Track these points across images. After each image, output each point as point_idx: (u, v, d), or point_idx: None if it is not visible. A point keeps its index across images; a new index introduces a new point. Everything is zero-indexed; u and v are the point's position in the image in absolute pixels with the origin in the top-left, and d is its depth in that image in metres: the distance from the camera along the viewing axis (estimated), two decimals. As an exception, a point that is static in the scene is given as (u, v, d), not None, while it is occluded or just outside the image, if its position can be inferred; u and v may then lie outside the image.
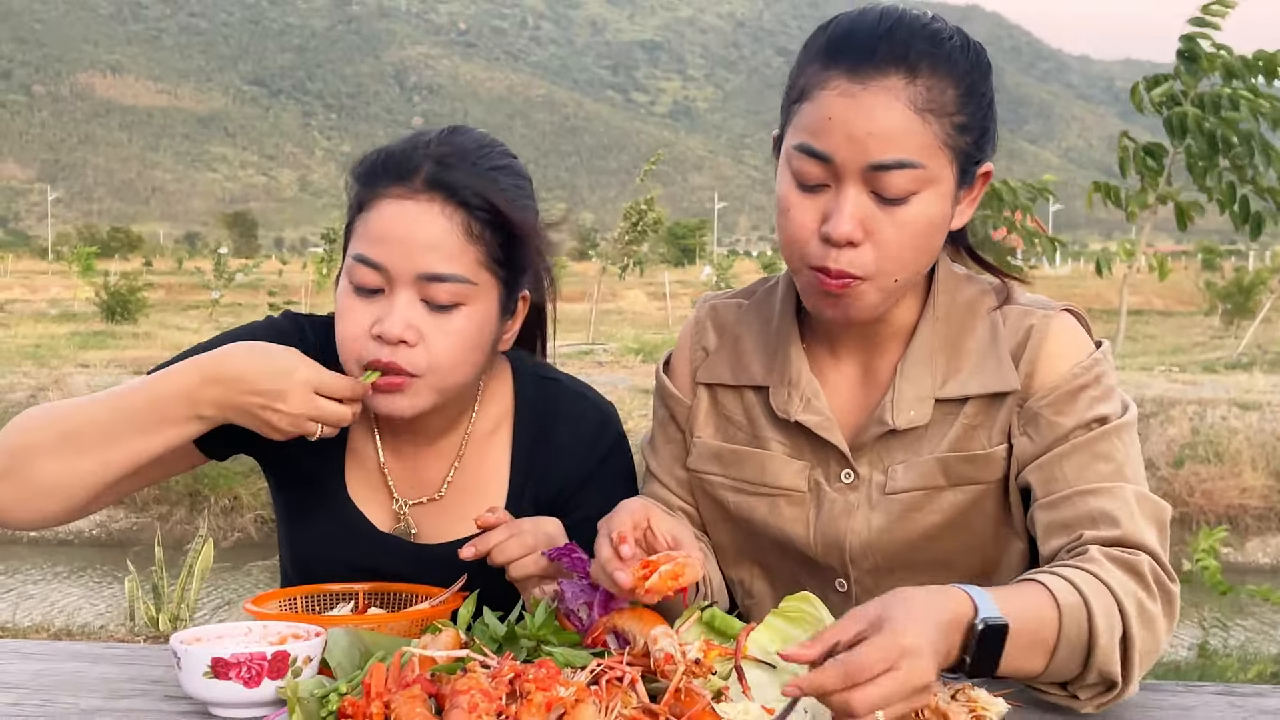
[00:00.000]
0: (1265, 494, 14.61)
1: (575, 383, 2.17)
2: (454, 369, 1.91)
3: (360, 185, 1.94)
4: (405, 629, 1.76)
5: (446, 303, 1.87)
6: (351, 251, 1.91)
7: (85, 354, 22.07)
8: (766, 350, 1.97)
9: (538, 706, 1.40)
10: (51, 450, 1.81)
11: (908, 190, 1.71)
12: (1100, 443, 1.76)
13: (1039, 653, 1.55)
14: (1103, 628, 1.56)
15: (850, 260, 1.72)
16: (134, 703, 1.65)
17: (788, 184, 1.77)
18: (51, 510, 1.84)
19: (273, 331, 2.07)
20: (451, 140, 1.94)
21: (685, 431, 2.03)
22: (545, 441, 2.09)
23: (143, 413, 1.82)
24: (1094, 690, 1.61)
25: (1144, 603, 1.62)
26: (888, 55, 1.70)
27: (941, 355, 1.86)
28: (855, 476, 1.87)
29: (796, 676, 1.52)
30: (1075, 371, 1.81)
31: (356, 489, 2.07)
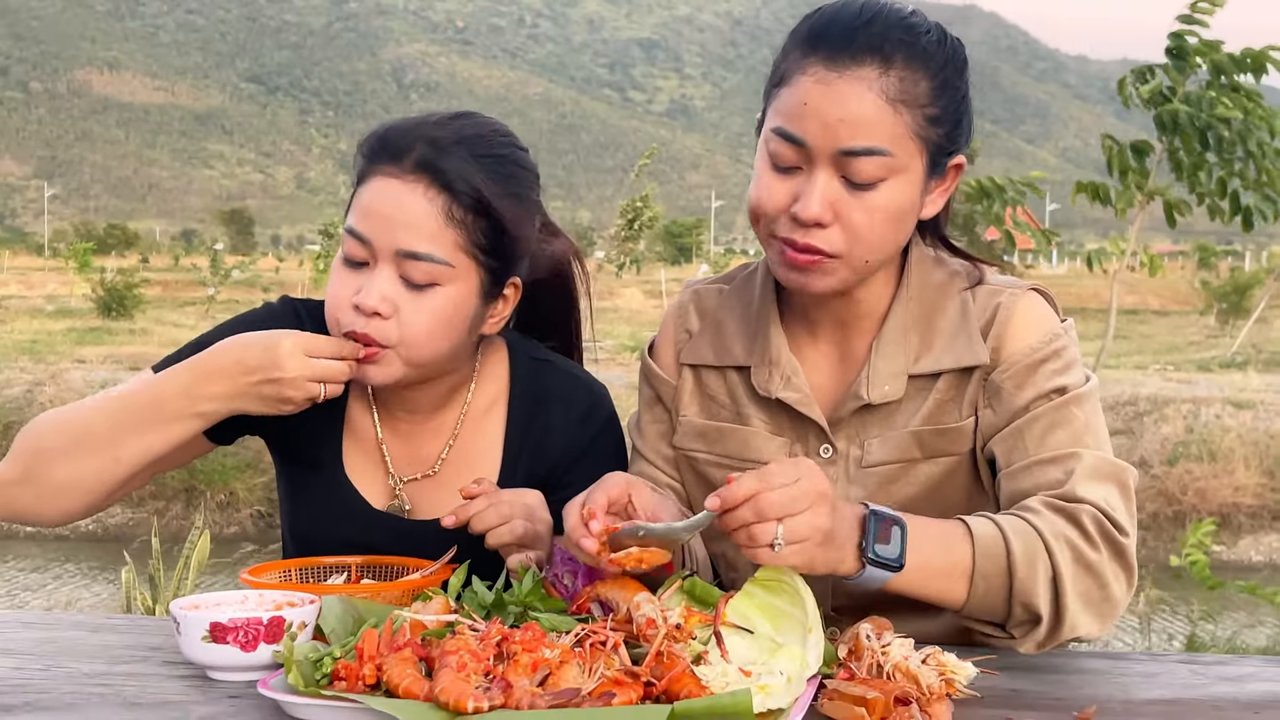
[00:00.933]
0: (1258, 492, 14.68)
1: (568, 364, 2.25)
2: (424, 344, 1.97)
3: (363, 159, 2.03)
4: (397, 598, 1.81)
5: (422, 281, 1.95)
6: (345, 224, 2.01)
7: (82, 350, 22.10)
8: (747, 332, 2.04)
9: (524, 667, 1.45)
10: (64, 452, 1.91)
11: (876, 177, 1.79)
12: (1058, 412, 1.83)
13: (956, 576, 1.67)
14: (1020, 559, 1.66)
15: (818, 238, 1.80)
16: (133, 668, 1.70)
17: (764, 163, 1.85)
18: (71, 508, 1.95)
19: (270, 317, 2.15)
20: (453, 125, 2.01)
21: (671, 411, 2.10)
22: (538, 419, 2.15)
23: (146, 412, 1.92)
24: (1024, 627, 1.70)
25: (1079, 546, 1.69)
26: (864, 45, 1.78)
27: (915, 333, 1.93)
28: (834, 451, 1.94)
29: (774, 641, 1.59)
30: (1035, 345, 1.88)
31: (353, 466, 2.14)
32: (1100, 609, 1.71)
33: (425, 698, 1.43)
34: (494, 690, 1.41)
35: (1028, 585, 1.66)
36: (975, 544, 1.67)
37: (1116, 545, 1.72)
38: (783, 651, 1.57)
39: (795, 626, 1.60)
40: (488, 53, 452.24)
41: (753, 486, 1.56)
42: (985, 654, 1.66)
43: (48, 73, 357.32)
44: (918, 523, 1.66)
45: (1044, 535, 1.68)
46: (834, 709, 1.50)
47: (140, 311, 30.51)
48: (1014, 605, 1.68)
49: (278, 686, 1.50)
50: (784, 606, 1.62)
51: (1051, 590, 1.67)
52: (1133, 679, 1.69)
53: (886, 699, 1.48)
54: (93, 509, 1.97)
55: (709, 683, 1.48)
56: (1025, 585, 1.66)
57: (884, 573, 1.63)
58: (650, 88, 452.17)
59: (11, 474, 1.94)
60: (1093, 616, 1.71)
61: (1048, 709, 1.55)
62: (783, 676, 1.52)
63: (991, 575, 1.66)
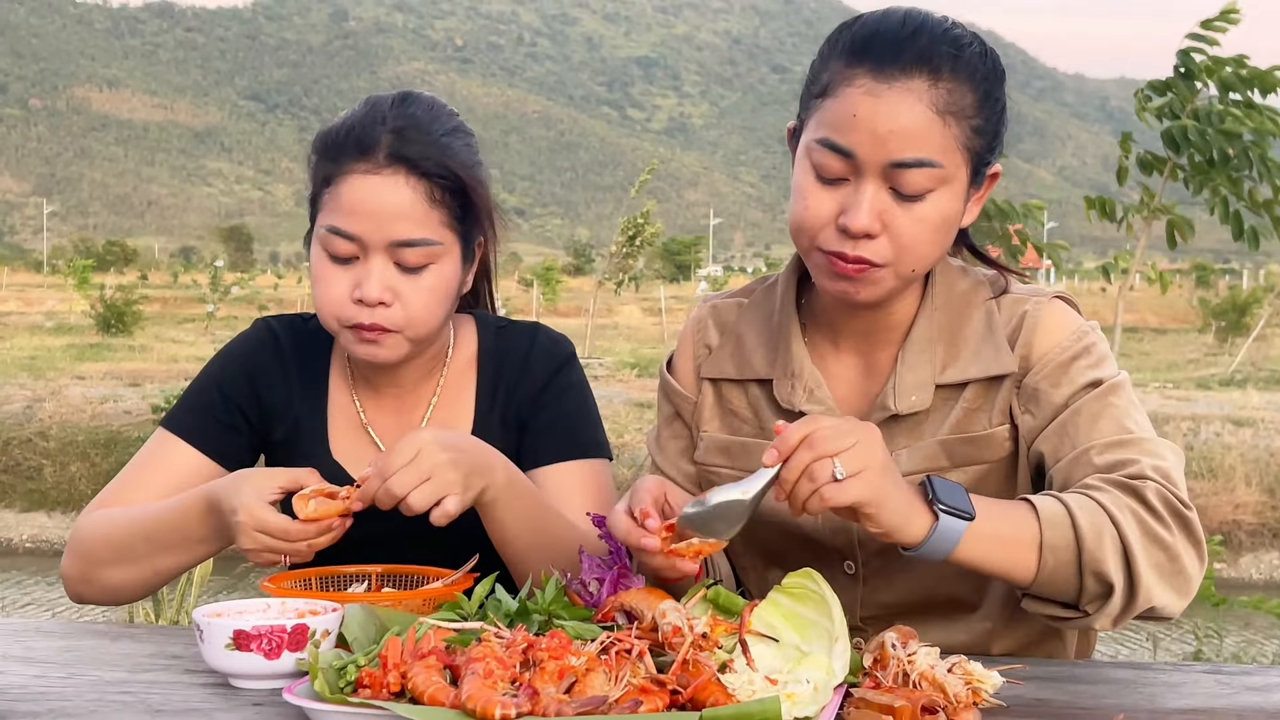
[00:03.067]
0: (1259, 510, 14.66)
1: (526, 322, 2.36)
2: (428, 320, 2.08)
3: (324, 159, 2.10)
4: (419, 606, 1.81)
5: (417, 264, 2.05)
6: (323, 223, 2.07)
7: (81, 366, 22.11)
8: (768, 344, 2.03)
9: (550, 674, 1.45)
10: (111, 563, 2.09)
11: (925, 188, 1.79)
12: (1098, 402, 1.84)
13: (1024, 548, 1.67)
14: (1088, 531, 1.66)
15: (867, 249, 1.80)
16: (156, 675, 1.70)
17: (807, 175, 1.84)
18: (125, 599, 2.14)
19: (250, 342, 2.31)
20: (406, 112, 2.10)
21: (691, 427, 2.09)
22: (503, 372, 2.26)
23: (173, 537, 2.05)
24: (1097, 600, 1.70)
25: (1145, 519, 1.69)
26: (913, 57, 1.78)
27: (940, 343, 1.93)
28: None
29: (799, 650, 1.59)
30: (1065, 344, 1.89)
31: (340, 448, 2.23)
32: (1174, 581, 1.71)
33: (451, 705, 1.43)
34: (521, 697, 1.41)
35: (1097, 555, 1.65)
36: (1040, 516, 1.67)
37: (1183, 519, 1.72)
38: (809, 660, 1.57)
39: (821, 635, 1.60)
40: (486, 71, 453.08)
41: (804, 429, 1.60)
42: (1011, 663, 1.65)
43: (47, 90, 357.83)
44: (979, 497, 1.68)
45: (1107, 508, 1.68)
46: (861, 717, 1.49)
47: (139, 328, 30.54)
48: (1085, 577, 1.67)
49: (303, 694, 1.49)
50: (810, 615, 1.62)
51: (1123, 559, 1.67)
52: (1159, 689, 1.69)
53: (913, 708, 1.47)
54: (146, 595, 2.18)
55: (735, 690, 1.48)
56: (1094, 555, 1.65)
57: (957, 523, 1.63)
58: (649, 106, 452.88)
59: (73, 573, 2.12)
60: (1167, 588, 1.70)
61: (1074, 718, 1.54)
62: (809, 684, 1.51)
63: (1060, 547, 1.66)
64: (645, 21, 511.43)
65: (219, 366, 2.28)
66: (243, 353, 2.28)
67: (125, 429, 15.96)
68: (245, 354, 2.28)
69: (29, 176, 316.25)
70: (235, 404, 2.23)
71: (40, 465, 16.12)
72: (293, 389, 2.26)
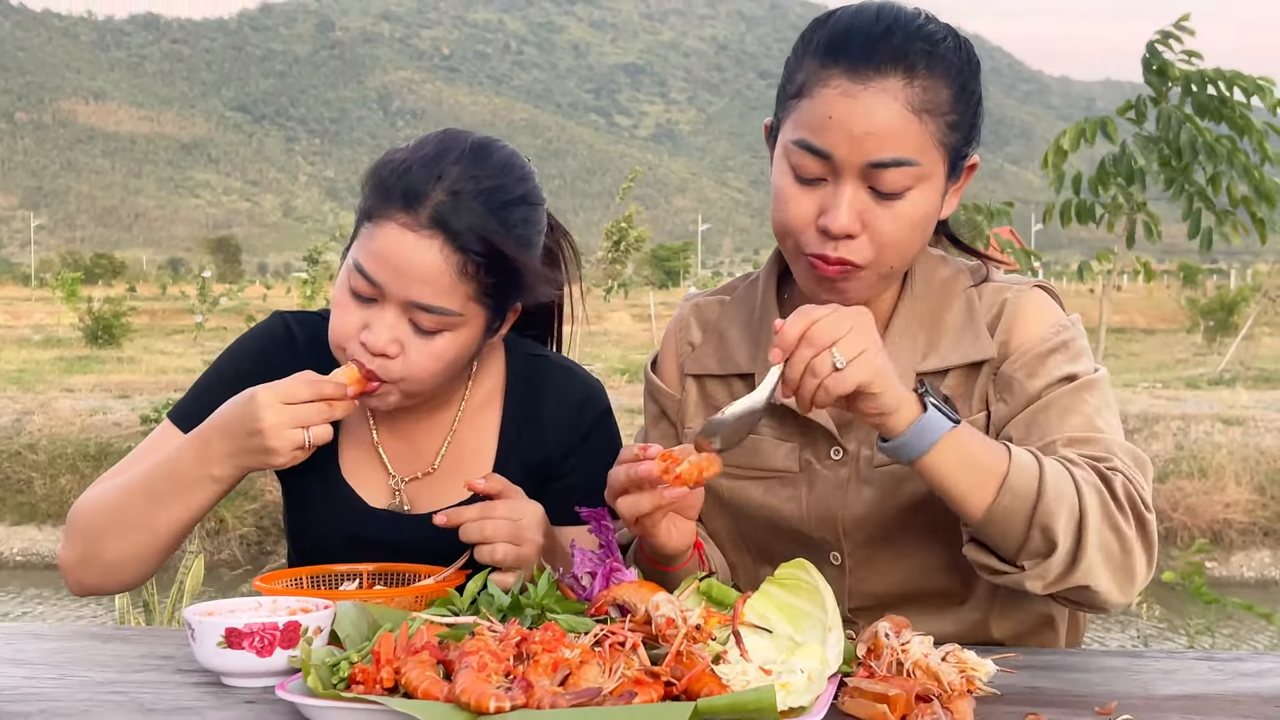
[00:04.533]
0: (1249, 509, 14.68)
1: (563, 359, 2.28)
2: (426, 381, 2.01)
3: (373, 192, 1.99)
4: (410, 603, 1.81)
5: (431, 329, 1.97)
6: (354, 254, 1.99)
7: (70, 379, 22.04)
8: (751, 339, 2.04)
9: (544, 667, 1.45)
10: (109, 532, 2.03)
11: (904, 186, 1.79)
12: (1071, 397, 1.84)
13: (988, 479, 1.67)
14: (1051, 486, 1.66)
15: (848, 250, 1.80)
16: (147, 675, 1.70)
17: (785, 176, 1.85)
18: (127, 579, 2.08)
19: (264, 336, 2.22)
20: (470, 172, 1.96)
21: (677, 425, 2.10)
22: (532, 412, 2.18)
23: (169, 485, 2.00)
24: (1036, 557, 1.68)
25: (1108, 504, 1.69)
26: (887, 56, 1.78)
27: (921, 332, 1.93)
28: (844, 453, 1.94)
29: (793, 640, 1.59)
30: (1045, 336, 1.89)
31: (350, 467, 2.17)
32: (1119, 573, 1.70)
33: (445, 699, 1.43)
34: (515, 690, 1.41)
35: (1052, 509, 1.65)
36: (1012, 457, 1.67)
37: (1141, 519, 1.72)
38: (802, 650, 1.57)
39: (814, 625, 1.60)
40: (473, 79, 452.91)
41: (800, 324, 1.61)
42: (1004, 652, 1.65)
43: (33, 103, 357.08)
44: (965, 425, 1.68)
45: (1075, 477, 1.68)
46: (855, 707, 1.50)
47: (128, 340, 30.45)
48: (1033, 529, 1.67)
49: (296, 690, 1.49)
50: (803, 605, 1.62)
51: (1075, 527, 1.67)
52: (1152, 676, 1.69)
53: (908, 696, 1.47)
54: (147, 576, 2.08)
55: (730, 681, 1.48)
56: (1050, 508, 1.65)
57: (942, 421, 1.65)
58: (636, 112, 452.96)
59: (72, 557, 2.06)
60: (1111, 575, 1.70)
61: (1068, 705, 1.54)
62: (803, 674, 1.52)
63: (1019, 493, 1.66)
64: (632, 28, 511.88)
65: (230, 361, 2.21)
66: (256, 348, 2.21)
67: (115, 441, 15.91)
68: (258, 350, 2.21)
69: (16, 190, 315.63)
70: None
71: (30, 478, 16.07)
72: None
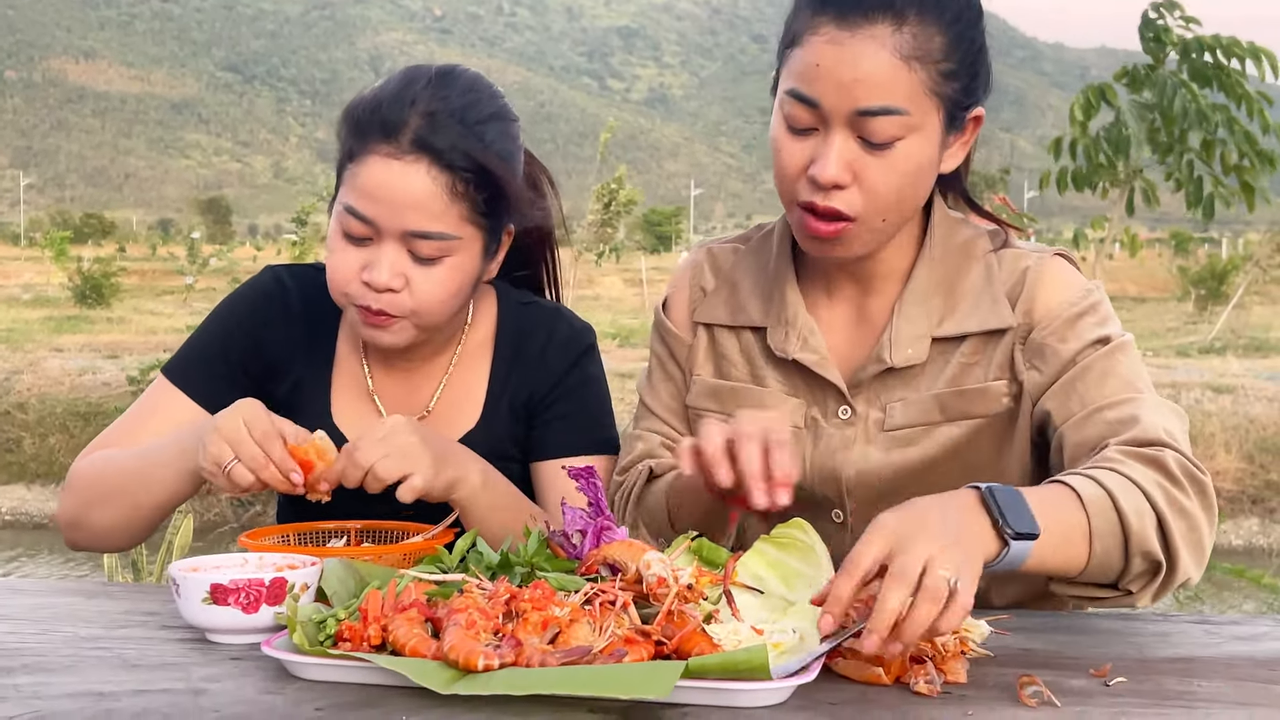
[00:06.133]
0: (1238, 477, 14.73)
1: (553, 304, 2.30)
2: (437, 311, 2.02)
3: (351, 133, 2.01)
4: (398, 561, 1.79)
5: (431, 256, 1.97)
6: (342, 199, 1.99)
7: (59, 339, 21.99)
8: (763, 292, 2.02)
9: (533, 625, 1.43)
10: (98, 502, 2.07)
11: (893, 136, 1.76)
12: (1107, 360, 1.82)
13: (1077, 540, 1.58)
14: (1131, 512, 1.59)
15: (838, 200, 1.77)
16: (131, 631, 1.68)
17: (779, 126, 1.83)
18: (115, 544, 2.14)
19: (257, 291, 2.23)
20: (440, 93, 1.99)
21: (684, 369, 2.08)
22: (521, 354, 2.20)
23: (154, 468, 2.02)
24: (1143, 579, 1.64)
25: (1172, 492, 1.65)
26: (876, 3, 1.75)
27: (938, 295, 1.91)
28: (852, 413, 1.93)
29: (785, 600, 1.57)
30: (1072, 300, 1.87)
31: (342, 413, 2.18)
32: (1196, 551, 1.67)
33: (433, 656, 1.41)
34: (504, 648, 1.39)
35: (1143, 535, 1.60)
36: (1085, 504, 1.59)
37: (1200, 484, 1.69)
38: (794, 609, 1.55)
39: (808, 584, 1.59)
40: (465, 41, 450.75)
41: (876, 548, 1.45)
42: (997, 614, 1.64)
43: (22, 61, 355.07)
44: (1029, 493, 1.56)
45: (1141, 484, 1.63)
46: (849, 667, 1.48)
47: (118, 300, 30.39)
48: (1132, 558, 1.61)
49: (282, 647, 1.47)
50: (796, 564, 1.60)
51: (1161, 537, 1.62)
52: (1147, 639, 1.68)
53: (902, 657, 1.46)
54: (135, 543, 2.13)
55: (721, 641, 1.46)
56: (1140, 536, 1.60)
57: (1027, 544, 1.52)
58: (629, 76, 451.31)
59: (67, 516, 2.11)
60: (1194, 559, 1.67)
61: (1062, 667, 1.53)
62: (795, 634, 1.50)
63: (1107, 534, 1.59)
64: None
65: (223, 316, 2.22)
66: (249, 303, 2.22)
67: (104, 401, 15.89)
68: (251, 305, 2.21)
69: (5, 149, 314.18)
70: (236, 356, 2.18)
71: (19, 438, 16.06)
72: (298, 346, 2.20)
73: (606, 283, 39.63)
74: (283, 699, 1.38)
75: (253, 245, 56.40)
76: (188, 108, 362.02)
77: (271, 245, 52.82)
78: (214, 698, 1.39)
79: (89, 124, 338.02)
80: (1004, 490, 1.53)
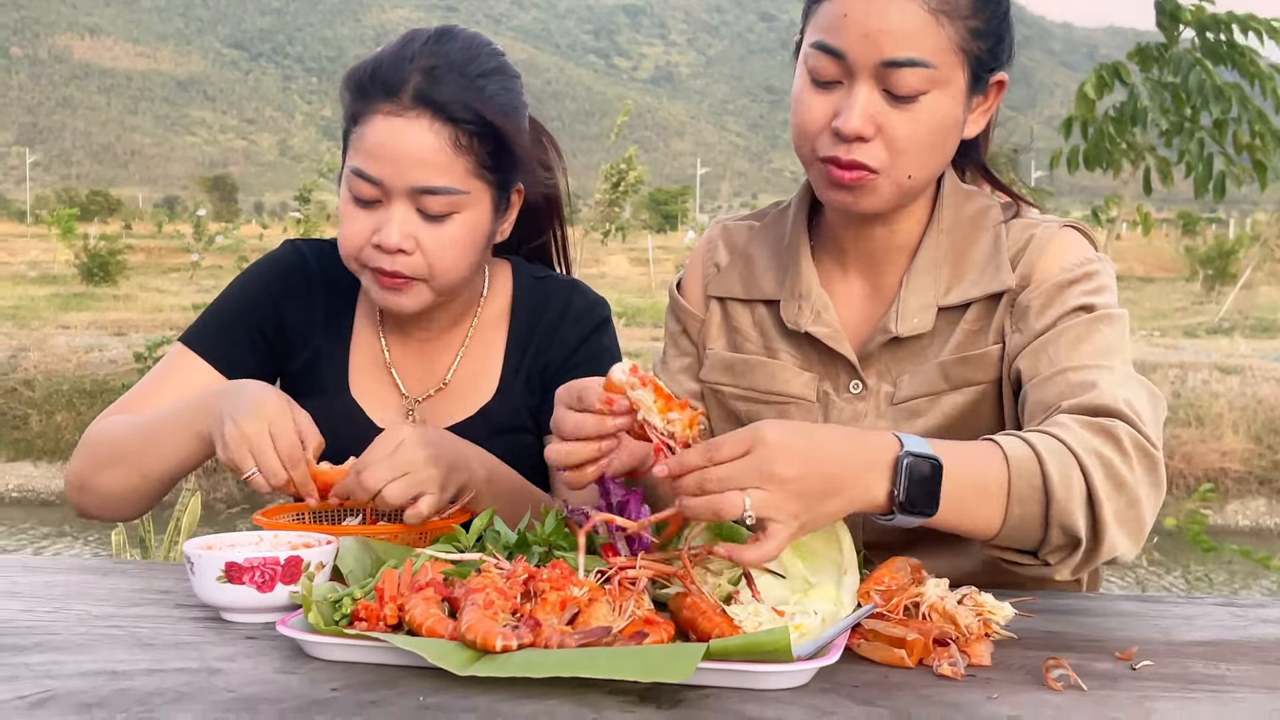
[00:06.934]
0: (1245, 457, 14.72)
1: (568, 278, 2.29)
2: (451, 271, 2.01)
3: (354, 96, 2.02)
4: (414, 540, 1.78)
5: (440, 212, 1.97)
6: (349, 164, 2.00)
7: (66, 316, 22.02)
8: (778, 266, 2.01)
9: (552, 605, 1.41)
10: (106, 466, 2.05)
11: (918, 89, 1.75)
12: (1086, 327, 1.78)
13: (991, 504, 1.56)
14: (1058, 480, 1.55)
15: (861, 153, 1.76)
16: (145, 610, 1.66)
17: (803, 80, 1.82)
18: (120, 512, 2.10)
19: (278, 263, 2.24)
20: (439, 50, 2.00)
21: (698, 345, 2.08)
22: (536, 327, 2.19)
23: (164, 431, 2.00)
24: (1061, 551, 1.61)
25: (1113, 462, 1.59)
26: None
27: (946, 265, 1.89)
28: (864, 387, 1.91)
29: (806, 581, 1.55)
30: (1067, 267, 1.84)
31: (360, 388, 2.18)
32: (1133, 528, 1.62)
33: (450, 636, 1.39)
34: (522, 629, 1.37)
35: (1066, 506, 1.56)
36: (1010, 467, 1.56)
37: (1149, 459, 1.64)
38: (816, 591, 1.53)
39: (829, 566, 1.56)
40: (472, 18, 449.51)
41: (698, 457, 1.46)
42: (1021, 595, 1.62)
43: (28, 38, 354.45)
44: (952, 455, 1.53)
45: (1077, 452, 1.58)
46: (872, 650, 1.46)
47: (124, 277, 30.43)
48: (1050, 529, 1.58)
49: (297, 626, 1.45)
50: (818, 546, 1.58)
51: (1088, 510, 1.58)
52: (1172, 621, 1.65)
53: (926, 640, 1.44)
54: (140, 512, 2.10)
55: (741, 622, 1.44)
56: (1063, 507, 1.56)
57: (916, 519, 1.53)
58: (635, 54, 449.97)
59: (75, 479, 2.09)
60: (1127, 536, 1.62)
61: (1087, 650, 1.51)
62: (817, 616, 1.48)
63: (1028, 499, 1.56)
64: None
65: (243, 285, 2.23)
66: (269, 274, 2.22)
67: (110, 378, 15.89)
68: (271, 276, 2.22)
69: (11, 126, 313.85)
70: (257, 325, 2.18)
71: (26, 415, 16.07)
72: (316, 317, 2.20)
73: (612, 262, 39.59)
74: (298, 679, 1.36)
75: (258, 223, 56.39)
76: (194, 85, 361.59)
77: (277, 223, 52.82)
78: (228, 677, 1.37)
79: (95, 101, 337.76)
80: (921, 461, 1.50)
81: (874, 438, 1.53)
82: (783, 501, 1.44)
